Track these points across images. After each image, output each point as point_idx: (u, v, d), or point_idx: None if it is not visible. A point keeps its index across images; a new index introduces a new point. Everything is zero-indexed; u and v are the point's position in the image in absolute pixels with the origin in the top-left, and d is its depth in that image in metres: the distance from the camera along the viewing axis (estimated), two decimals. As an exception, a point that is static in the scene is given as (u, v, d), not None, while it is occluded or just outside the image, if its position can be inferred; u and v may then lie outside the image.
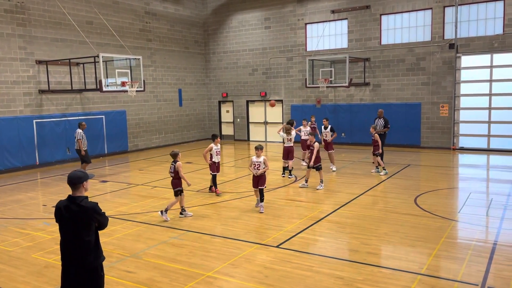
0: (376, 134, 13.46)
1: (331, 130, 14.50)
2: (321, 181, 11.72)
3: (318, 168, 11.69)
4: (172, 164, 9.55)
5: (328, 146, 14.23)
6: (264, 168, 9.70)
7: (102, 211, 4.28)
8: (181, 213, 9.48)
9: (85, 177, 4.27)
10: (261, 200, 9.77)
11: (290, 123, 14.10)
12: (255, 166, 9.73)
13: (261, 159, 9.76)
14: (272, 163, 14.37)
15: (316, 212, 9.49)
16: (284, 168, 13.51)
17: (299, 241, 7.74)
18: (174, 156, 9.62)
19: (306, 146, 14.04)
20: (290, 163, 13.25)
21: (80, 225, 4.15)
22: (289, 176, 13.20)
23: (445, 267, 6.55)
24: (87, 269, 4.20)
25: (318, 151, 11.59)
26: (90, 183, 4.40)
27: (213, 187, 11.49)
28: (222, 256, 7.13)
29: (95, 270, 4.25)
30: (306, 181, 11.88)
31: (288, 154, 13.21)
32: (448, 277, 6.14)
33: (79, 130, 13.97)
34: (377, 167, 13.70)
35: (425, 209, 9.52)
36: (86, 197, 4.26)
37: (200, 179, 13.64)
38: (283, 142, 13.49)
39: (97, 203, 4.28)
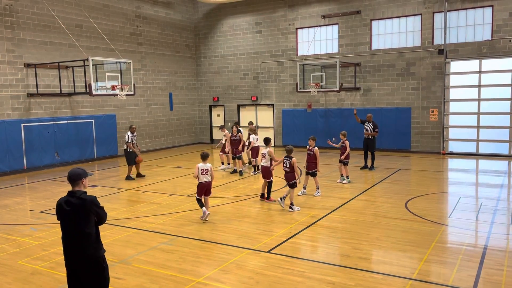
0: (346, 141, 13.13)
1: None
2: (317, 187, 11.57)
3: (314, 175, 11.52)
4: (287, 159, 10.06)
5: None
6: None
7: (101, 205, 4.49)
8: (290, 208, 9.95)
9: (84, 174, 4.51)
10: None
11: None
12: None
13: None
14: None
15: (307, 217, 9.45)
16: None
17: (290, 247, 7.69)
18: (290, 151, 10.13)
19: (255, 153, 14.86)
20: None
21: (80, 217, 4.36)
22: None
23: (436, 272, 6.55)
24: (89, 261, 4.41)
25: (316, 157, 11.38)
26: (88, 180, 4.63)
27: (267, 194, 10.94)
28: (212, 261, 7.06)
29: (96, 262, 4.46)
30: (304, 188, 11.67)
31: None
32: (439, 282, 6.13)
33: (128, 134, 14.26)
34: (342, 176, 13.09)
35: (415, 213, 9.54)
36: (85, 192, 4.48)
37: (190, 183, 13.55)
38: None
39: (95, 197, 4.50)
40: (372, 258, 7.22)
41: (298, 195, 11.58)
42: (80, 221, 4.36)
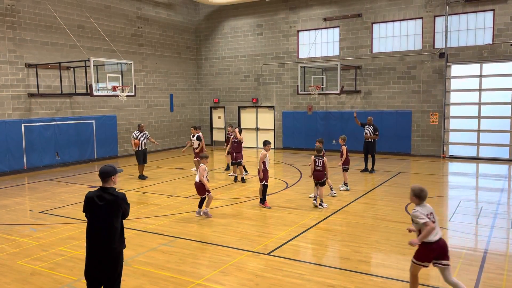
0: (343, 146, 12.44)
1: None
2: (331, 188, 11.62)
3: (322, 184, 10.74)
4: (318, 158, 10.42)
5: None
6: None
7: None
8: (320, 204, 10.38)
9: (114, 171, 4.83)
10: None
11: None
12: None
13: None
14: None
15: (307, 220, 9.44)
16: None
17: (290, 249, 7.68)
18: (319, 151, 10.53)
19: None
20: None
21: (111, 212, 4.68)
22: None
23: (436, 275, 6.51)
24: (111, 253, 4.69)
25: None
26: (118, 176, 4.95)
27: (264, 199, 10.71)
28: (212, 263, 7.04)
29: (117, 255, 4.77)
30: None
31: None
32: (439, 286, 6.12)
33: (135, 132, 14.78)
34: (344, 183, 12.50)
35: (415, 217, 9.51)
36: (115, 188, 4.83)
37: (190, 185, 13.54)
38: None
39: (125, 194, 4.86)
40: (372, 261, 7.20)
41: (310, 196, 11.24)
42: (111, 215, 4.68)
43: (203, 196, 9.77)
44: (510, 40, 16.89)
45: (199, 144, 15.00)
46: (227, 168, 16.07)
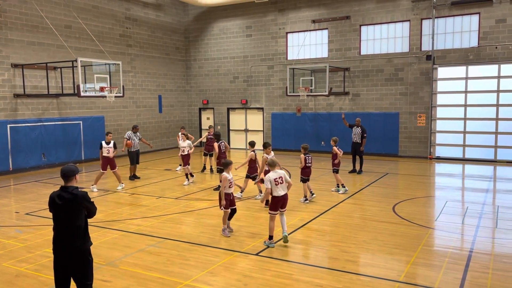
0: (335, 147, 12.09)
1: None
2: (311, 193, 11.36)
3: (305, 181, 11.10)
4: (308, 156, 10.91)
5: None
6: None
7: (92, 199, 4.81)
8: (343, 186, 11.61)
9: (76, 171, 4.85)
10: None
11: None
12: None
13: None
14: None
15: (296, 220, 9.47)
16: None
17: (278, 249, 7.69)
18: (307, 148, 11.03)
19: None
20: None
21: (71, 211, 4.67)
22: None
23: (423, 274, 6.60)
24: (75, 252, 4.70)
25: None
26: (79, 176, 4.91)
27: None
28: (200, 264, 7.02)
29: (82, 254, 4.75)
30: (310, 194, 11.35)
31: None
32: (426, 285, 6.19)
33: (128, 132, 14.86)
34: (337, 185, 12.38)
35: (403, 217, 9.62)
36: (77, 187, 4.78)
37: (178, 186, 13.50)
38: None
39: (86, 192, 4.81)
40: (360, 261, 7.25)
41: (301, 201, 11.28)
42: (71, 214, 4.67)
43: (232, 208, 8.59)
44: (495, 43, 17.16)
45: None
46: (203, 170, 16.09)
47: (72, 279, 4.83)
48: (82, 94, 14.64)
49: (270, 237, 7.84)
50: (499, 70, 17.32)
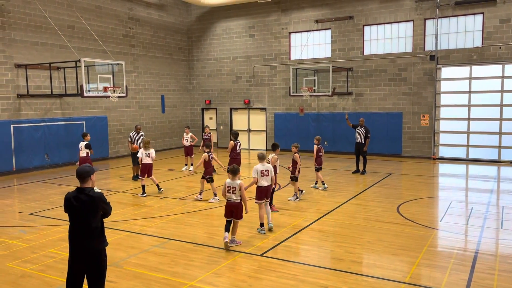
0: (296, 154, 11.25)
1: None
2: (296, 193, 11.39)
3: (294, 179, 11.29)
4: (322, 147, 11.83)
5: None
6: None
7: (107, 200, 4.92)
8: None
9: (92, 171, 4.95)
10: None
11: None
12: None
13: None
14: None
15: (300, 221, 9.45)
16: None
17: (283, 250, 7.68)
18: (320, 139, 12.47)
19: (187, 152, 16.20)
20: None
21: (88, 213, 4.72)
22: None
23: (428, 275, 6.58)
24: (91, 252, 4.75)
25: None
26: (95, 176, 4.92)
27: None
28: (205, 265, 7.01)
29: (98, 254, 4.82)
30: (300, 192, 11.56)
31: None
32: (432, 286, 6.16)
33: (131, 133, 14.92)
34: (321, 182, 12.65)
35: (407, 217, 9.59)
36: (93, 188, 4.88)
37: (181, 186, 13.50)
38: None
39: (103, 193, 4.95)
40: (365, 262, 7.23)
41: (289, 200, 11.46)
42: (88, 216, 4.73)
43: (228, 219, 7.95)
44: (499, 43, 17.10)
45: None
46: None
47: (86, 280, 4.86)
48: (85, 94, 14.67)
49: (261, 225, 8.67)
50: (503, 70, 17.26)
